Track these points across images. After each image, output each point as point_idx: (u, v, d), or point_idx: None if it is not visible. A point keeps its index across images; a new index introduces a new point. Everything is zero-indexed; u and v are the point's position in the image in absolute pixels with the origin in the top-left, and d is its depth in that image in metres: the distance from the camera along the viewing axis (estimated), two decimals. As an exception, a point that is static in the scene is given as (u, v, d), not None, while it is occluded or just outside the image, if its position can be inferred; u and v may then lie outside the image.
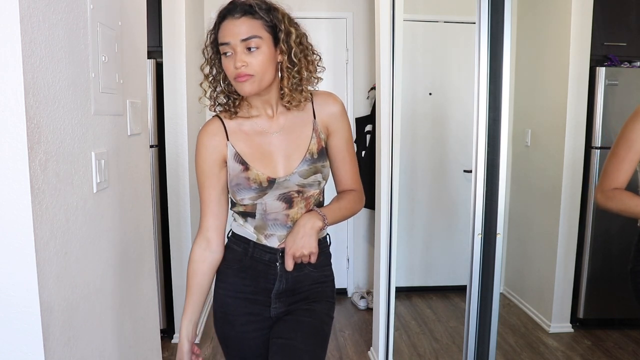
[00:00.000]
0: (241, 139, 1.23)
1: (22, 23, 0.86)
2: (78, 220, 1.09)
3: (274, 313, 1.28)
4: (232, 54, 1.13)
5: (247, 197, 1.22)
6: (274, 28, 1.15)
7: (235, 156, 1.22)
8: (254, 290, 1.27)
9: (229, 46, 1.13)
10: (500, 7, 1.49)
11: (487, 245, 1.58)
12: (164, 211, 2.83)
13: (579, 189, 2.94)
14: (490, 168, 1.56)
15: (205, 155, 1.24)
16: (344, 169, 1.31)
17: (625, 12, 2.89)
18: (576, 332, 3.00)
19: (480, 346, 1.63)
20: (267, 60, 1.14)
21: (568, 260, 2.99)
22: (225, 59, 1.15)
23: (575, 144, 2.89)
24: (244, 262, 1.27)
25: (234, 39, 1.12)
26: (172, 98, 2.72)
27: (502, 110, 1.53)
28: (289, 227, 1.24)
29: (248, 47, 1.12)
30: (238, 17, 1.12)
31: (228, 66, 1.14)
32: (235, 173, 1.22)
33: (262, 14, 1.13)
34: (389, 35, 2.30)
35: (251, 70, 1.13)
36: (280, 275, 1.26)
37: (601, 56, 2.91)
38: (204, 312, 3.22)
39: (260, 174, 1.21)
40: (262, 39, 1.13)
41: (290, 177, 1.22)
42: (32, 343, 0.92)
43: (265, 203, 1.23)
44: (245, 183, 1.21)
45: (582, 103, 2.87)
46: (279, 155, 1.23)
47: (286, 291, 1.28)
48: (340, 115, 1.28)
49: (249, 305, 1.27)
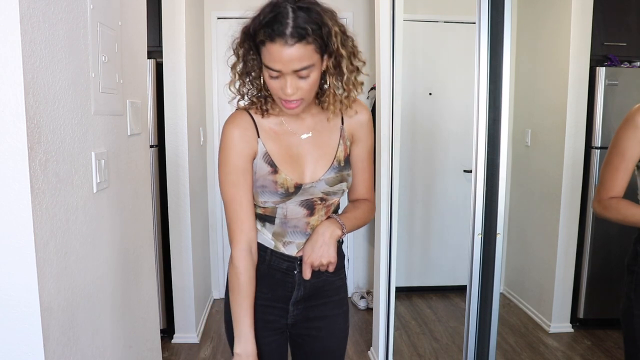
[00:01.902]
0: (271, 138, 1.16)
1: (22, 23, 0.86)
2: (78, 220, 1.09)
3: (291, 320, 1.26)
4: (281, 78, 1.05)
5: (271, 200, 1.17)
6: (324, 45, 1.05)
7: (265, 156, 1.15)
8: (272, 298, 1.23)
9: (279, 72, 1.04)
10: (500, 7, 1.49)
11: (487, 245, 1.58)
12: (164, 211, 2.83)
13: (579, 189, 2.94)
14: (490, 168, 1.56)
15: (237, 149, 1.13)
16: (362, 178, 1.27)
17: (625, 12, 2.89)
18: (576, 332, 3.00)
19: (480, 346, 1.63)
20: (317, 80, 1.08)
21: (568, 260, 2.99)
22: (270, 78, 1.07)
23: (575, 144, 2.89)
24: (260, 270, 1.20)
25: (285, 68, 1.03)
26: (172, 98, 2.72)
27: (502, 110, 1.53)
28: (308, 234, 1.21)
29: (300, 76, 1.05)
30: (291, 45, 1.00)
31: (274, 87, 1.07)
32: (263, 174, 1.15)
33: (315, 37, 1.02)
34: (389, 35, 2.30)
35: (301, 94, 1.07)
36: (299, 283, 1.23)
37: (601, 56, 2.91)
38: (205, 312, 3.22)
39: (288, 179, 1.15)
40: (314, 65, 1.05)
41: (316, 184, 1.18)
42: (32, 343, 0.92)
43: (287, 208, 1.18)
44: (272, 186, 1.15)
45: (582, 103, 2.87)
46: (307, 159, 1.18)
47: (304, 299, 1.25)
48: (367, 124, 1.25)
49: (265, 312, 1.23)
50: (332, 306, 1.29)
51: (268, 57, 1.04)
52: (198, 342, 2.89)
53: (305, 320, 1.27)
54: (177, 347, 2.82)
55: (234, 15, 3.35)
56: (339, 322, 1.31)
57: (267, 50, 1.03)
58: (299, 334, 1.29)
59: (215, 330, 3.07)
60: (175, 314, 2.86)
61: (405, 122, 3.19)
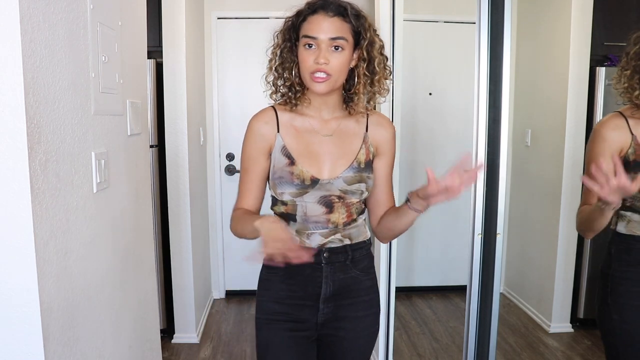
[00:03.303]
0: (291, 134, 1.23)
1: (22, 23, 0.86)
2: (78, 220, 1.09)
3: (321, 319, 1.27)
4: (316, 49, 1.14)
5: (288, 191, 1.21)
6: (357, 34, 1.17)
7: (283, 149, 1.22)
8: (303, 296, 1.25)
9: (315, 41, 1.13)
10: (500, 7, 1.49)
11: (487, 245, 1.58)
12: (164, 211, 2.83)
13: (579, 189, 2.93)
14: (490, 168, 1.56)
15: (253, 141, 1.23)
16: (385, 190, 1.31)
17: (625, 12, 2.89)
18: (576, 332, 3.00)
19: (480, 346, 1.63)
20: (346, 62, 1.16)
21: (568, 260, 2.99)
22: (305, 50, 1.15)
23: (575, 144, 2.89)
24: (289, 267, 1.17)
25: (323, 35, 1.13)
26: (172, 98, 2.72)
27: (502, 110, 1.53)
28: (330, 228, 1.23)
29: (334, 47, 1.13)
30: (331, 16, 1.13)
31: (307, 58, 1.14)
32: (280, 166, 1.21)
33: (352, 19, 1.15)
34: (389, 35, 2.30)
35: (330, 69, 1.14)
36: (326, 276, 1.24)
37: (601, 56, 2.91)
38: (205, 312, 3.22)
39: (305, 171, 1.20)
40: (347, 41, 1.15)
41: (334, 180, 1.21)
42: (32, 343, 0.92)
43: (306, 205, 1.22)
44: (288, 177, 1.20)
45: (582, 103, 2.87)
46: (326, 157, 1.23)
47: (334, 295, 1.26)
48: (391, 139, 1.30)
49: (296, 311, 1.25)
50: (362, 306, 1.30)
51: (307, 27, 1.14)
52: (198, 342, 2.88)
53: (335, 319, 1.28)
54: (177, 347, 2.82)
55: (234, 15, 3.35)
56: (367, 323, 1.32)
57: (308, 22, 1.15)
58: (327, 334, 1.29)
59: (215, 330, 3.07)
60: (175, 314, 2.86)
61: (405, 122, 3.19)
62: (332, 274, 1.24)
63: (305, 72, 1.16)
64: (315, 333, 1.29)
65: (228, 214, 3.55)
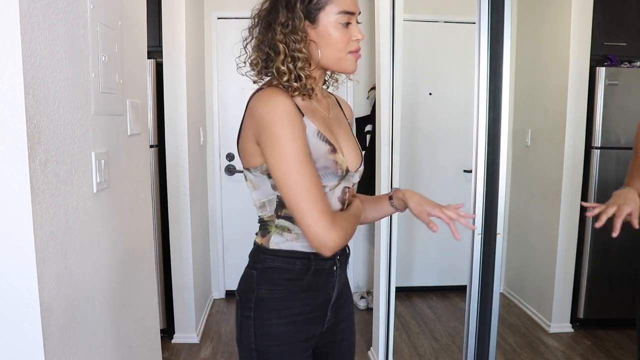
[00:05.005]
0: (315, 117, 1.06)
1: (22, 23, 0.86)
2: (78, 220, 1.09)
3: (325, 327, 1.17)
4: (350, 24, 1.04)
5: (329, 185, 1.05)
6: None
7: (318, 134, 1.03)
8: (313, 309, 1.12)
9: (354, 16, 1.04)
10: (500, 7, 1.48)
11: (487, 245, 1.58)
12: (164, 211, 2.83)
13: (579, 189, 2.93)
14: (490, 168, 1.56)
15: (297, 127, 0.97)
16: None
17: (625, 12, 2.89)
18: (576, 332, 3.00)
19: (480, 346, 1.63)
20: None
21: (568, 260, 2.99)
22: (343, 28, 1.03)
23: (575, 144, 2.89)
24: (304, 280, 1.09)
25: (357, 8, 1.05)
26: (172, 98, 2.72)
27: (502, 110, 1.53)
28: None
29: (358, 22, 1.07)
30: None
31: (343, 38, 1.03)
32: (322, 153, 1.02)
33: None
34: (389, 35, 2.30)
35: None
36: (337, 280, 1.16)
37: (601, 56, 2.91)
38: (205, 312, 3.22)
39: (344, 160, 1.07)
40: None
41: (356, 173, 1.13)
42: (32, 343, 0.92)
43: (331, 202, 1.07)
44: (333, 167, 1.04)
45: (582, 103, 2.87)
46: (347, 143, 1.12)
47: (337, 299, 1.18)
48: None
49: (307, 327, 1.12)
50: (350, 301, 1.27)
51: (346, 5, 1.02)
52: (198, 342, 2.89)
53: (334, 324, 1.20)
54: (177, 347, 2.82)
55: (234, 15, 3.35)
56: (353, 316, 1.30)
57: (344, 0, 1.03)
58: (325, 342, 1.19)
59: (215, 330, 3.07)
60: (175, 314, 2.86)
61: (405, 122, 3.19)
62: (339, 275, 1.16)
63: (342, 52, 1.04)
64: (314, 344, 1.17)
65: (228, 214, 3.56)
